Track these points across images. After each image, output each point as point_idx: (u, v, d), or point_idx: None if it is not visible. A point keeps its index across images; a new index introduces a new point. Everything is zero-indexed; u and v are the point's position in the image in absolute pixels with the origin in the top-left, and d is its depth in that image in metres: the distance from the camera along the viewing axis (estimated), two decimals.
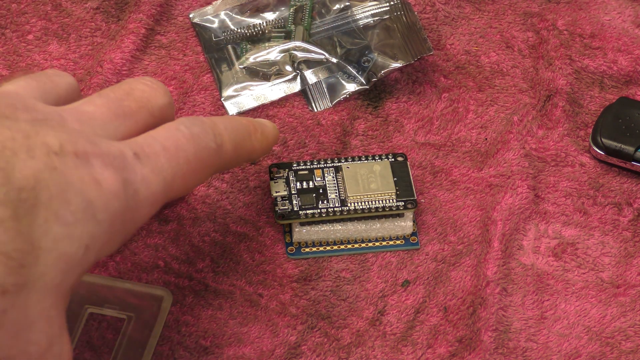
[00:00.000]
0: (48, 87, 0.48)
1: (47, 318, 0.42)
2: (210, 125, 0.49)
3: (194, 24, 0.66)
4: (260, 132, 0.53)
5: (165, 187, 0.46)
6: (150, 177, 0.45)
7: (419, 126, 0.63)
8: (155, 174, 0.45)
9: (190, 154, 0.47)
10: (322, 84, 0.64)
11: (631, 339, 0.55)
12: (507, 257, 0.58)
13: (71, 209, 0.42)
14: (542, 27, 0.66)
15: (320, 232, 0.57)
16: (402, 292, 0.57)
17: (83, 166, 0.43)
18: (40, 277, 0.41)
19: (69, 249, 0.42)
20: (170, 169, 0.46)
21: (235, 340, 0.55)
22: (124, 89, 0.49)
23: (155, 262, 0.57)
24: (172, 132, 0.48)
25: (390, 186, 0.57)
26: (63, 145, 0.42)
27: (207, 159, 0.49)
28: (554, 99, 0.63)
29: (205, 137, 0.49)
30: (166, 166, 0.46)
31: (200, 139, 0.48)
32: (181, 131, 0.48)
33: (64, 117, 0.45)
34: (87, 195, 0.42)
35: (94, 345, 0.54)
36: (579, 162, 0.61)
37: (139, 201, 0.45)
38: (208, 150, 0.49)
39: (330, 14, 0.66)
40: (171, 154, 0.47)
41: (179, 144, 0.47)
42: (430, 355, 0.55)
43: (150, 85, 0.50)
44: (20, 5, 0.67)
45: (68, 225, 0.41)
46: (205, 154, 0.48)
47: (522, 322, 0.56)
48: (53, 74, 0.49)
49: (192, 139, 0.48)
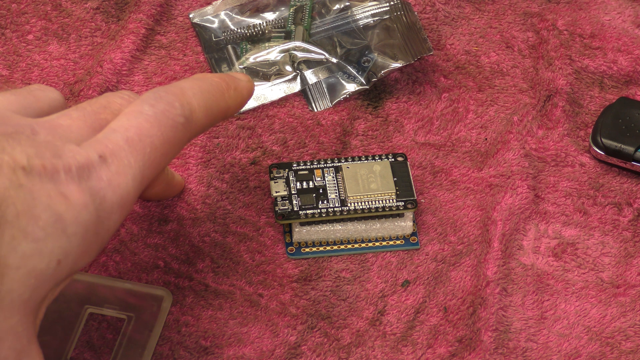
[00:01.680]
0: (28, 101, 0.47)
1: (15, 334, 0.42)
2: (176, 96, 0.47)
3: (194, 24, 0.66)
4: (234, 88, 0.51)
5: (135, 184, 0.45)
6: (118, 180, 0.44)
7: (419, 126, 0.63)
8: (122, 175, 0.45)
9: (156, 139, 0.46)
10: (322, 84, 0.64)
11: (631, 339, 0.55)
12: (507, 257, 0.58)
13: (40, 225, 0.41)
14: (542, 27, 0.66)
15: (320, 232, 0.57)
16: (402, 292, 0.57)
17: (50, 181, 0.42)
18: (7, 294, 0.41)
19: (39, 265, 0.41)
20: (137, 164, 0.45)
21: (235, 341, 0.55)
22: (101, 103, 0.48)
23: (155, 262, 0.57)
24: (134, 119, 0.46)
25: (390, 186, 0.57)
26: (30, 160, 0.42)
27: (176, 136, 0.47)
28: (554, 99, 0.63)
29: (172, 112, 0.47)
30: (132, 162, 0.45)
31: (166, 117, 0.47)
32: (144, 114, 0.46)
33: (36, 130, 0.44)
34: (55, 209, 0.42)
35: (94, 345, 0.54)
36: (579, 162, 0.61)
37: (108, 207, 0.44)
38: (176, 127, 0.47)
39: (330, 14, 0.66)
40: (135, 144, 0.45)
41: (143, 131, 0.46)
42: (430, 355, 0.55)
43: (128, 99, 0.49)
44: (20, 5, 0.67)
45: (37, 241, 0.41)
46: (173, 133, 0.47)
47: (522, 322, 0.56)
48: (36, 88, 0.49)
49: (157, 121, 0.46)
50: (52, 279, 0.42)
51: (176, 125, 0.47)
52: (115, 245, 0.57)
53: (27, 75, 0.64)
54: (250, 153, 0.61)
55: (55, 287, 0.43)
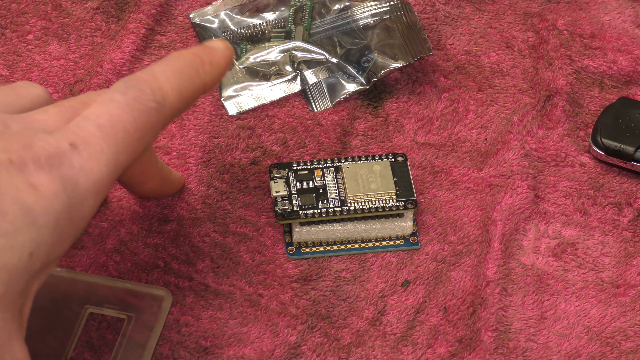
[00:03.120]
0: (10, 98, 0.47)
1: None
2: (147, 82, 0.47)
3: (194, 24, 0.66)
4: (209, 62, 0.50)
5: (109, 169, 0.45)
6: (90, 165, 0.44)
7: (419, 126, 0.63)
8: (94, 161, 0.44)
9: (129, 124, 0.46)
10: (322, 84, 0.64)
11: (631, 339, 0.55)
12: (507, 257, 0.58)
13: (9, 219, 0.41)
14: (542, 27, 0.66)
15: (320, 232, 0.57)
16: (402, 292, 0.57)
17: (18, 174, 0.42)
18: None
19: (11, 259, 0.41)
20: (109, 149, 0.45)
21: (235, 341, 0.55)
22: (80, 99, 0.48)
23: (155, 262, 0.57)
24: (105, 106, 0.46)
25: (390, 186, 0.57)
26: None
27: (150, 120, 0.47)
28: (554, 99, 0.63)
29: (144, 99, 0.47)
30: (105, 148, 0.45)
31: (138, 103, 0.46)
32: (115, 101, 0.46)
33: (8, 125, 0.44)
34: (24, 202, 0.42)
35: (94, 345, 0.54)
36: (579, 162, 0.61)
37: (81, 194, 0.44)
38: (149, 112, 0.47)
39: (330, 14, 0.66)
40: (107, 130, 0.45)
41: (114, 117, 0.45)
42: (430, 355, 0.55)
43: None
44: (20, 5, 0.67)
45: (7, 235, 0.41)
46: (146, 117, 0.46)
47: (522, 322, 0.56)
48: (20, 85, 0.48)
49: (128, 107, 0.46)
50: (26, 272, 0.42)
51: (149, 110, 0.47)
52: (115, 245, 0.57)
53: (27, 75, 0.64)
54: (250, 153, 0.61)
55: (33, 279, 0.43)
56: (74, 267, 0.56)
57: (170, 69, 0.49)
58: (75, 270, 0.56)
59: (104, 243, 0.57)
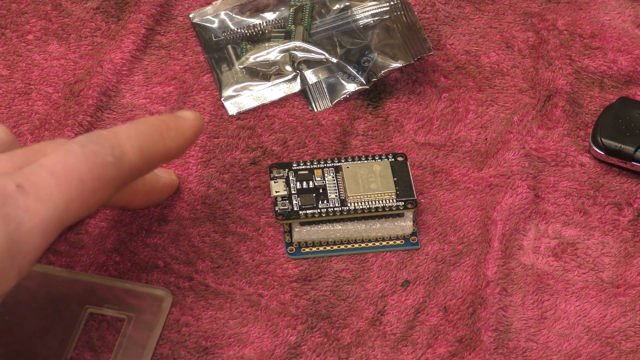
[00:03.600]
0: None
1: None
2: (107, 138, 0.48)
3: (194, 24, 0.66)
4: (175, 129, 0.51)
5: (58, 214, 0.45)
6: (37, 207, 0.44)
7: (419, 126, 0.63)
8: (42, 203, 0.45)
9: (84, 174, 0.46)
10: (322, 84, 0.64)
11: (631, 339, 0.55)
12: (507, 257, 0.58)
13: None
14: (542, 27, 0.66)
15: (320, 232, 0.57)
16: (402, 292, 0.57)
17: None
18: None
19: None
20: (60, 194, 0.45)
21: (235, 341, 0.55)
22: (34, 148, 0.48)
23: (155, 262, 0.57)
24: (62, 155, 0.46)
25: (390, 186, 0.57)
26: None
27: (106, 174, 0.47)
28: (554, 99, 0.63)
29: (101, 152, 0.47)
30: (55, 192, 0.45)
31: (95, 156, 0.47)
32: (72, 152, 0.47)
33: None
34: None
35: (94, 345, 0.54)
36: (579, 162, 0.61)
37: (24, 233, 0.44)
38: (105, 165, 0.47)
39: (330, 14, 0.66)
40: (60, 177, 0.46)
41: (69, 165, 0.46)
42: (430, 355, 0.55)
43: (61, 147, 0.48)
44: (20, 5, 0.67)
45: None
46: (102, 170, 0.47)
47: (522, 322, 0.56)
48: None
49: (85, 157, 0.47)
50: None
51: (106, 163, 0.47)
52: (115, 245, 0.57)
53: (27, 75, 0.64)
54: (250, 153, 0.61)
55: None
56: (74, 267, 0.56)
57: (133, 130, 0.49)
58: (75, 270, 0.56)
59: (104, 243, 0.57)
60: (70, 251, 0.57)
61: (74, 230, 0.58)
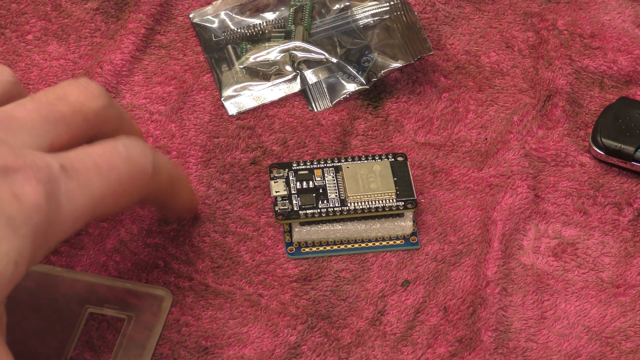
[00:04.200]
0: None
1: None
2: (150, 150, 0.49)
3: (194, 24, 0.66)
4: (189, 191, 0.55)
5: (92, 204, 0.46)
6: (76, 192, 0.45)
7: (419, 126, 0.63)
8: (81, 190, 0.45)
9: (124, 174, 0.47)
10: (322, 84, 0.64)
11: (631, 339, 0.55)
12: (507, 257, 0.58)
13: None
14: (542, 27, 0.66)
15: (320, 232, 0.57)
16: (402, 292, 0.57)
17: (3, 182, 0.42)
18: None
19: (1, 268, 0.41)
20: (99, 186, 0.46)
21: (235, 341, 0.55)
22: (57, 93, 0.48)
23: (155, 262, 0.57)
24: (108, 150, 0.47)
25: (390, 186, 0.57)
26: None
27: (141, 181, 0.48)
28: (554, 99, 0.63)
29: (143, 160, 0.48)
30: (96, 183, 0.46)
31: (137, 161, 0.48)
32: (117, 150, 0.47)
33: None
34: (7, 211, 0.42)
35: (94, 345, 0.54)
36: (579, 162, 0.61)
37: (61, 215, 0.44)
38: (143, 173, 0.48)
39: (330, 14, 0.66)
40: (103, 171, 0.46)
41: (113, 162, 0.47)
42: (430, 355, 0.55)
43: (85, 88, 0.49)
44: (20, 5, 0.67)
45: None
46: (140, 177, 0.48)
47: (522, 322, 0.56)
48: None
49: (128, 160, 0.47)
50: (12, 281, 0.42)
51: (144, 171, 0.48)
52: (115, 245, 0.57)
53: (26, 75, 0.64)
54: (250, 153, 0.61)
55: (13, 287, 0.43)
56: (74, 267, 0.56)
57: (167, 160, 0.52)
58: (75, 270, 0.56)
59: (104, 243, 0.57)
60: (70, 251, 0.57)
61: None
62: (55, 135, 0.47)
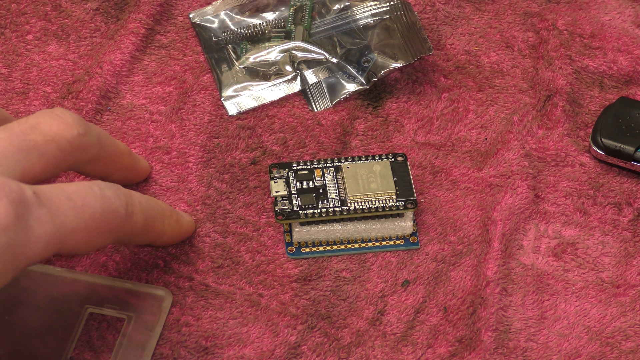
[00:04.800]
0: None
1: None
2: (124, 194, 0.49)
3: (194, 24, 0.66)
4: (176, 219, 0.55)
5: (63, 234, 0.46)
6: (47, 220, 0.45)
7: (419, 126, 0.63)
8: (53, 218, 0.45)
9: (97, 212, 0.47)
10: (322, 84, 0.64)
11: (631, 339, 0.55)
12: (507, 257, 0.58)
13: None
14: (542, 27, 0.66)
15: (320, 232, 0.57)
16: (402, 292, 0.57)
17: None
18: None
19: None
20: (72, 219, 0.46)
21: (235, 341, 0.55)
22: (30, 123, 0.48)
23: (155, 262, 0.57)
24: (83, 188, 0.47)
25: (390, 186, 0.57)
26: None
27: (114, 222, 0.48)
28: (554, 99, 0.63)
29: (117, 201, 0.49)
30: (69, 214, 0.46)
31: (111, 202, 0.48)
32: (92, 190, 0.48)
33: None
34: None
35: (94, 345, 0.54)
36: (579, 162, 0.61)
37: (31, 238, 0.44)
38: (116, 214, 0.48)
39: (330, 14, 0.66)
40: (76, 205, 0.46)
41: (87, 199, 0.47)
42: (430, 355, 0.55)
43: (59, 117, 0.49)
44: (20, 5, 0.67)
45: None
46: (112, 217, 0.48)
47: (522, 322, 0.56)
48: None
49: (102, 199, 0.48)
50: None
51: (117, 214, 0.49)
52: (115, 245, 0.57)
53: (25, 75, 0.64)
54: (250, 153, 0.61)
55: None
56: (74, 267, 0.56)
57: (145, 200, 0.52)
58: (75, 270, 0.56)
59: None
60: None
61: None
62: (28, 165, 0.47)
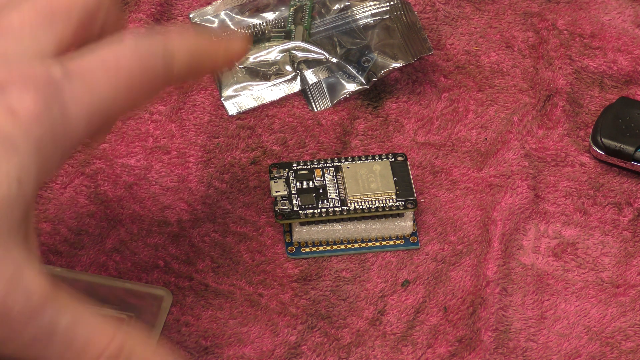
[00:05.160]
0: None
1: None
2: (161, 41, 0.46)
3: (194, 24, 0.66)
4: (224, 48, 0.50)
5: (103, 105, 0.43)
6: (83, 95, 0.43)
7: (419, 126, 0.63)
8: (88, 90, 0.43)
9: (134, 69, 0.44)
10: (322, 84, 0.64)
11: (631, 339, 0.55)
12: (507, 257, 0.58)
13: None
14: (542, 27, 0.66)
15: (320, 232, 0.57)
16: (402, 292, 0.57)
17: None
18: None
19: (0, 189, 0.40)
20: (108, 84, 0.43)
21: (235, 340, 0.55)
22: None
23: (155, 262, 0.57)
24: (115, 45, 0.45)
25: (390, 186, 0.57)
26: None
27: (154, 75, 0.45)
28: (554, 99, 0.63)
29: (154, 53, 0.45)
30: (103, 81, 0.43)
31: (148, 55, 0.45)
32: (126, 44, 0.45)
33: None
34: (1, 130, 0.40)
35: None
36: (579, 162, 0.61)
37: (70, 120, 0.42)
38: (155, 66, 0.45)
39: (330, 14, 0.66)
40: (110, 67, 0.44)
41: (121, 58, 0.44)
42: (430, 355, 0.55)
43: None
44: None
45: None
46: (152, 71, 0.45)
47: (522, 322, 0.56)
48: None
49: (138, 54, 0.45)
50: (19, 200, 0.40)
51: (156, 65, 0.45)
52: (115, 245, 0.57)
53: None
54: (250, 153, 0.61)
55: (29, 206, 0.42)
56: (74, 267, 0.56)
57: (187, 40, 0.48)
58: (75, 270, 0.56)
59: (103, 243, 0.57)
60: (70, 251, 0.57)
61: (74, 231, 0.58)
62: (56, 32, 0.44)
